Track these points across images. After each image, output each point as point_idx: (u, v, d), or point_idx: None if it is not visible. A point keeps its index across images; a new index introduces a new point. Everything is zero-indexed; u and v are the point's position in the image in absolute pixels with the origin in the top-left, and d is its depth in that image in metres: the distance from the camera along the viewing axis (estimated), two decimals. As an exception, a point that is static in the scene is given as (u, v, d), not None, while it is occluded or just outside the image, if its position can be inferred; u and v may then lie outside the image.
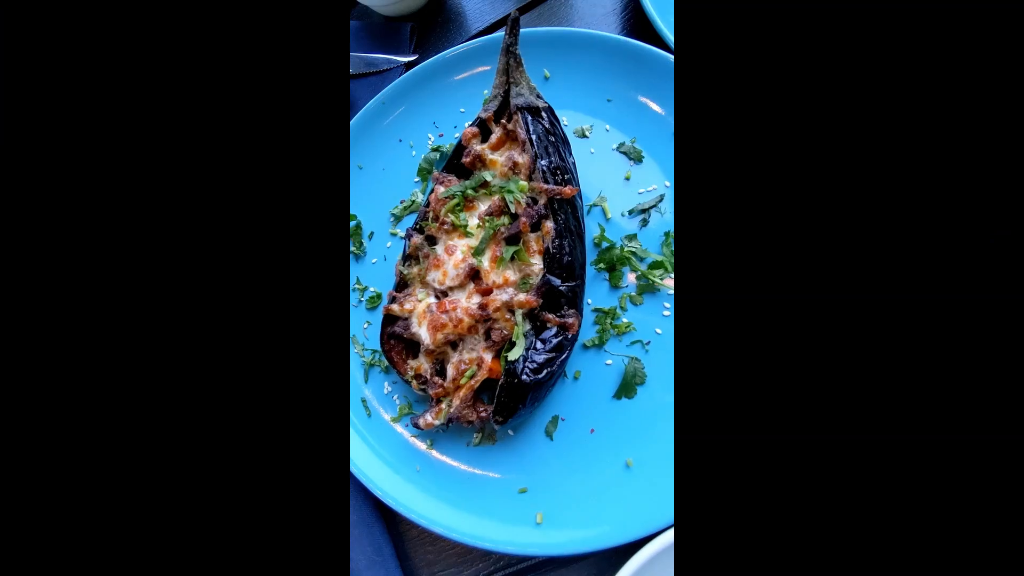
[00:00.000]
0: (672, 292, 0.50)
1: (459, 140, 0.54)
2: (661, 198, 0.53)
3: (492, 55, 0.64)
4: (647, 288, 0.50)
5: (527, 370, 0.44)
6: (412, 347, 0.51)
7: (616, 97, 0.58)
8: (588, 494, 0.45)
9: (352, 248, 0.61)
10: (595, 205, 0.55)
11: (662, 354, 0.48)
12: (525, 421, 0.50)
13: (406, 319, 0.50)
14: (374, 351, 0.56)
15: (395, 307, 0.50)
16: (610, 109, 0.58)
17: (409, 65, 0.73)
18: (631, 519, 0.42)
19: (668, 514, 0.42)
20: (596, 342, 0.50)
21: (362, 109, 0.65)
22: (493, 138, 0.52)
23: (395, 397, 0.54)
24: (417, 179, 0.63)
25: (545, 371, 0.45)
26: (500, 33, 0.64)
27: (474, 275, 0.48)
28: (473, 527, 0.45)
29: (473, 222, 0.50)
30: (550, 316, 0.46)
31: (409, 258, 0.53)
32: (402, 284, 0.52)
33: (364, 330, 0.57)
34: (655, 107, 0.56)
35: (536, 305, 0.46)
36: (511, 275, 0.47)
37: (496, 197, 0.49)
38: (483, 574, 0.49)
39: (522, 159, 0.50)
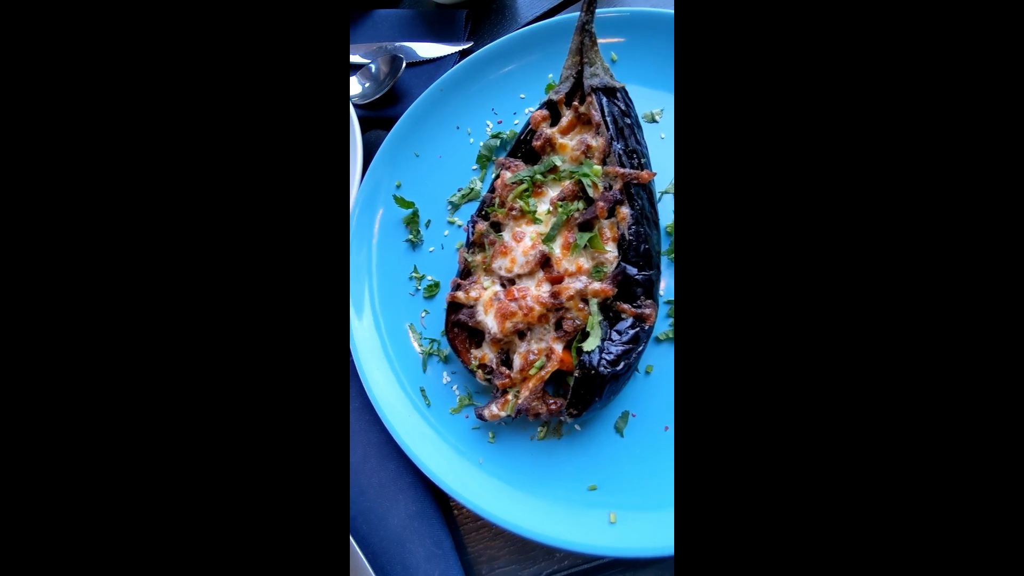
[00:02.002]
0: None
1: (525, 124, 0.53)
2: (740, 185, 0.50)
3: (554, 40, 0.62)
4: (726, 280, 0.47)
5: (604, 361, 0.42)
6: (475, 336, 0.50)
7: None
8: (664, 495, 0.43)
9: (410, 236, 0.60)
10: (667, 192, 0.52)
11: (744, 350, 0.45)
12: (593, 416, 0.47)
13: (471, 307, 0.48)
14: (432, 340, 0.55)
15: (460, 295, 0.49)
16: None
17: (464, 53, 0.72)
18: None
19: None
20: (670, 335, 0.48)
21: (419, 97, 0.64)
22: (563, 121, 0.50)
23: (454, 387, 0.53)
24: (475, 166, 0.61)
25: (622, 363, 0.43)
26: (560, 18, 0.62)
27: (544, 262, 0.46)
28: (540, 523, 0.43)
29: (542, 208, 0.48)
30: (625, 306, 0.44)
31: (473, 245, 0.51)
32: (466, 272, 0.51)
33: (422, 319, 0.56)
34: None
35: (611, 294, 0.44)
36: (584, 263, 0.45)
37: (569, 182, 0.47)
38: (545, 573, 0.47)
39: (596, 142, 0.47)
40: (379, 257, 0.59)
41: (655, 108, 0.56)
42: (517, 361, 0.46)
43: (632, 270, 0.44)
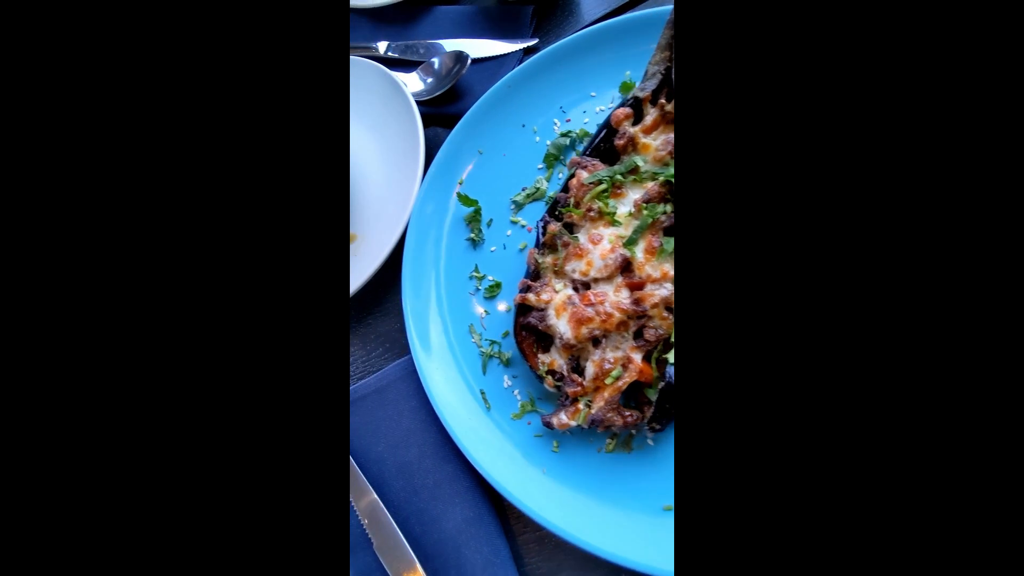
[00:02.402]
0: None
1: (602, 123, 0.51)
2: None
3: (627, 38, 0.60)
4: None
5: (690, 376, 0.40)
6: (542, 340, 0.48)
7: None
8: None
9: (471, 235, 0.59)
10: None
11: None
12: (666, 432, 0.45)
13: (542, 310, 0.47)
14: (492, 342, 0.53)
15: (531, 297, 0.47)
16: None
17: (529, 50, 0.70)
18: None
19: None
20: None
21: (485, 93, 0.63)
22: (648, 120, 0.48)
23: (516, 392, 0.51)
24: (541, 165, 0.60)
25: (710, 378, 0.40)
26: (636, 14, 0.60)
27: (624, 267, 0.44)
28: (607, 538, 0.41)
29: (623, 210, 0.46)
30: (712, 318, 0.42)
31: (544, 246, 0.50)
32: (535, 274, 0.49)
33: (482, 320, 0.55)
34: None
35: (698, 304, 0.41)
36: (669, 269, 0.43)
37: (654, 183, 0.45)
38: (610, 594, 0.45)
39: (683, 143, 0.45)
40: (443, 256, 0.58)
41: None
42: (590, 369, 0.44)
43: (719, 279, 0.42)
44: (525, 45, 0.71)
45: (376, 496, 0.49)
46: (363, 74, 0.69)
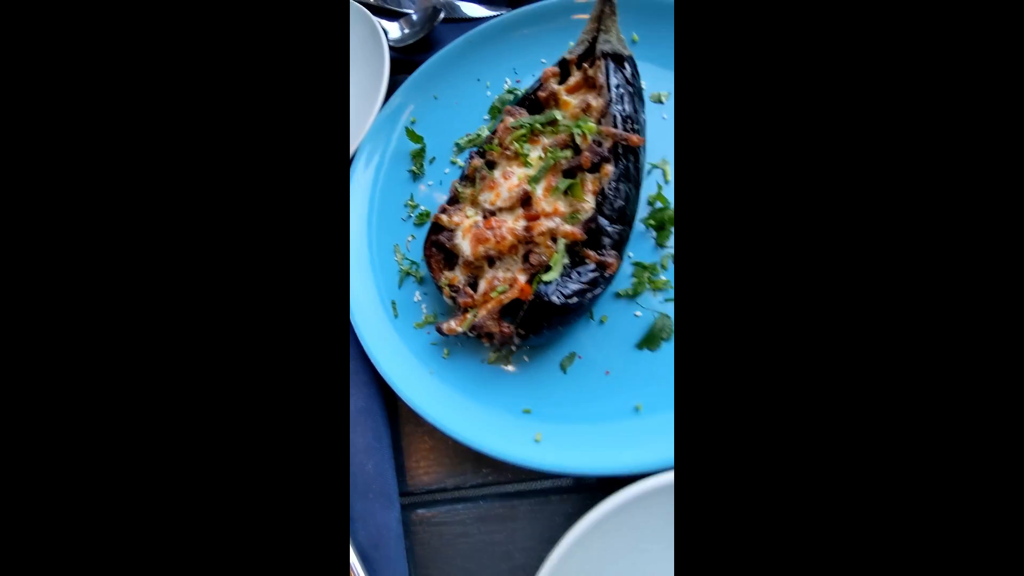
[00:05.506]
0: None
1: (537, 79, 0.56)
2: (723, 170, 0.53)
3: (580, 10, 0.66)
4: (690, 251, 0.51)
5: (558, 293, 0.46)
6: (450, 260, 0.54)
7: (698, 69, 0.58)
8: (592, 427, 0.46)
9: (413, 168, 0.64)
10: (657, 167, 0.56)
11: (692, 316, 0.48)
12: (541, 352, 0.51)
13: (451, 231, 0.52)
14: (412, 262, 0.58)
15: (444, 217, 0.53)
16: (689, 80, 0.58)
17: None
18: (629, 455, 0.43)
19: (667, 459, 0.42)
20: (630, 293, 0.51)
21: (448, 44, 0.68)
22: (571, 81, 0.54)
23: (423, 307, 0.56)
24: (487, 116, 0.65)
25: (575, 299, 0.46)
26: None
27: (525, 201, 0.50)
28: (473, 431, 0.47)
29: (535, 154, 0.52)
30: (590, 253, 0.47)
31: (466, 178, 0.55)
32: (454, 200, 0.54)
33: (408, 243, 0.60)
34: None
35: (580, 239, 0.47)
36: (562, 207, 0.49)
37: (563, 134, 0.51)
38: (469, 484, 0.51)
39: (596, 103, 0.51)
40: (383, 181, 0.63)
41: (664, 91, 0.59)
42: (482, 285, 0.50)
43: (604, 222, 0.48)
44: (499, 13, 0.76)
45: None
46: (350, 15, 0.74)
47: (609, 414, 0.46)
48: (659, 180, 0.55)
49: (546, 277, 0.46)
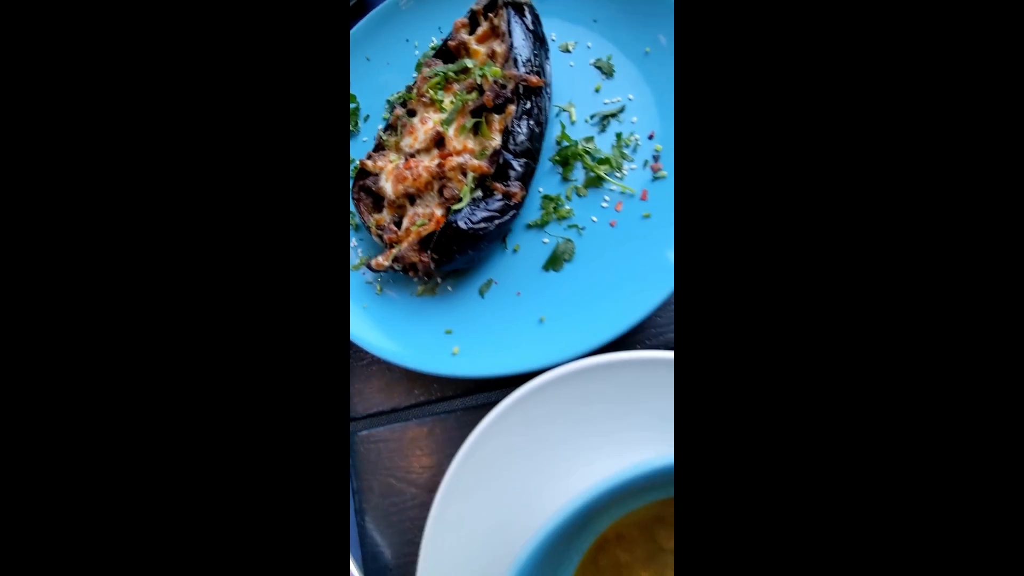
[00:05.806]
0: (614, 188, 0.55)
1: (450, 31, 0.61)
2: (622, 108, 0.58)
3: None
4: (593, 182, 0.56)
5: (468, 220, 0.51)
6: (378, 203, 0.58)
7: (601, 18, 0.63)
8: (502, 338, 0.51)
9: (349, 126, 0.68)
10: (563, 110, 0.61)
11: (592, 238, 0.54)
12: (463, 281, 0.56)
13: (376, 175, 0.57)
14: (351, 212, 0.63)
15: (369, 163, 0.57)
16: (595, 28, 0.63)
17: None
18: (534, 357, 0.48)
19: (564, 356, 0.48)
20: (539, 223, 0.56)
21: (378, 6, 0.72)
22: (479, 31, 0.58)
23: (359, 251, 0.61)
24: (415, 74, 0.69)
25: (482, 225, 0.51)
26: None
27: (440, 143, 0.55)
28: (402, 354, 0.52)
29: (449, 100, 0.56)
30: (497, 184, 0.52)
31: (390, 127, 0.60)
32: (379, 147, 0.59)
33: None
34: (633, 29, 0.61)
35: (487, 172, 0.52)
36: (472, 144, 0.54)
37: (471, 79, 0.55)
38: (402, 406, 0.56)
39: (500, 49, 0.55)
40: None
41: (570, 41, 0.64)
42: (405, 222, 0.55)
43: (509, 157, 0.53)
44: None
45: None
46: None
47: (517, 326, 0.52)
48: (564, 121, 0.60)
49: (456, 207, 0.51)
